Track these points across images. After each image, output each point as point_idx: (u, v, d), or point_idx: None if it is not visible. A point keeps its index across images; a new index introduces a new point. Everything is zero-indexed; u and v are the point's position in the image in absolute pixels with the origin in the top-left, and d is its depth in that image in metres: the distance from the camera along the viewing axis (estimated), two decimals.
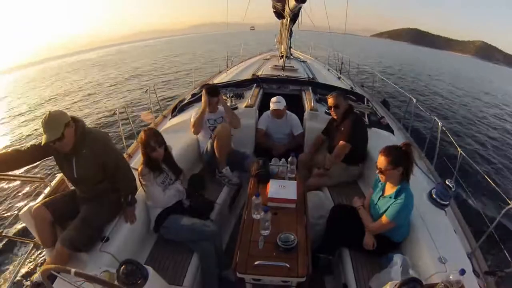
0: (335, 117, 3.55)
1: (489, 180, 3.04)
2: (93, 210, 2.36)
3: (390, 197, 2.39)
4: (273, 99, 4.12)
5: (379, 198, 2.54)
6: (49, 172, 7.98)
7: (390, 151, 2.31)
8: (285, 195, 2.58)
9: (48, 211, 2.29)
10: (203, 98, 3.73)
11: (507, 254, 2.52)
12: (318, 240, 2.96)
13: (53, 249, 2.26)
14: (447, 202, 2.73)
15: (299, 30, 8.26)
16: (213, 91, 3.72)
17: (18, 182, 6.95)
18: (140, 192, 2.77)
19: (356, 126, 3.41)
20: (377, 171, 2.38)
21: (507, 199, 2.51)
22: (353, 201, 2.83)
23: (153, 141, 2.61)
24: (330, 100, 3.50)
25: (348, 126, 3.37)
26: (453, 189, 2.71)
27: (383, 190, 2.54)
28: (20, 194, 6.98)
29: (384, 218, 2.37)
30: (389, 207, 2.36)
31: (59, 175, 2.63)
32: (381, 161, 2.33)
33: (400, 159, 2.29)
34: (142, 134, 2.67)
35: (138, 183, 2.65)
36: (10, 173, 2.40)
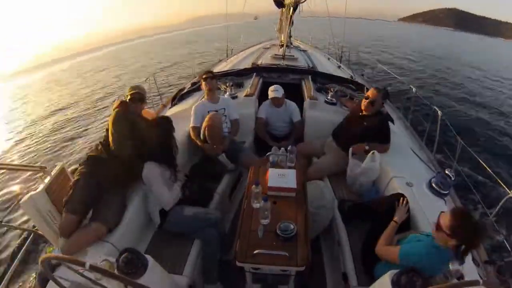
0: (365, 110, 3.39)
1: (489, 169, 3.04)
2: (121, 197, 2.64)
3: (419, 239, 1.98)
4: (271, 88, 4.12)
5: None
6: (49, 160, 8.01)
7: (460, 217, 1.71)
8: (284, 183, 2.57)
9: (76, 214, 2.35)
10: (202, 87, 3.75)
11: (506, 243, 2.54)
12: (317, 230, 2.97)
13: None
14: (447, 191, 2.74)
15: (300, 17, 8.13)
16: (208, 74, 3.73)
17: (18, 171, 6.99)
18: (138, 183, 2.76)
19: (388, 128, 3.39)
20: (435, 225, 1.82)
21: (506, 188, 2.52)
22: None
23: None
24: (372, 93, 3.33)
25: (381, 126, 3.33)
26: (452, 178, 2.72)
27: None
28: (20, 183, 7.01)
29: (395, 250, 1.97)
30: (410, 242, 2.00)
31: (60, 164, 2.62)
32: (444, 218, 1.76)
33: (463, 233, 1.69)
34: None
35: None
36: (10, 162, 2.44)
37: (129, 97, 2.85)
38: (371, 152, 3.13)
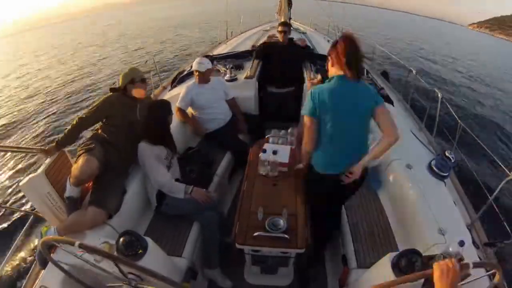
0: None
1: (489, 151, 3.03)
2: (121, 183, 2.58)
3: None
4: (196, 60, 3.62)
5: None
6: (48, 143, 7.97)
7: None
8: (278, 158, 2.59)
9: (99, 163, 2.33)
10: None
11: (506, 226, 2.54)
12: None
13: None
14: (447, 174, 2.73)
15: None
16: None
17: (18, 153, 6.98)
18: (137, 166, 2.74)
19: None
20: None
21: (506, 170, 2.51)
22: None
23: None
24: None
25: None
26: (452, 160, 2.70)
27: None
28: (20, 165, 7.00)
29: None
30: None
31: None
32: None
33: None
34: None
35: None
36: (10, 144, 2.41)
37: (129, 80, 2.70)
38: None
